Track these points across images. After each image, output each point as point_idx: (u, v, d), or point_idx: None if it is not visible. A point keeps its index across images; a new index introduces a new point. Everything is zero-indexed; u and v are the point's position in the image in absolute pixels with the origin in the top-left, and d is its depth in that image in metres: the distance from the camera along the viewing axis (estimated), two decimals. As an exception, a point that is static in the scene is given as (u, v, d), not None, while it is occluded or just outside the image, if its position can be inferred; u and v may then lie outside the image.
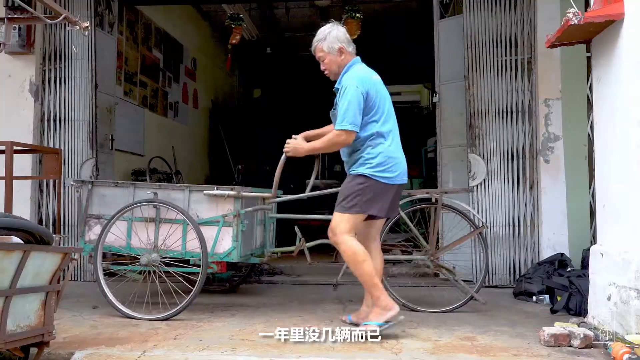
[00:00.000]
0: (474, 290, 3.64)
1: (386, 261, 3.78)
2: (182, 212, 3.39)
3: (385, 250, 3.83)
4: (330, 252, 5.74)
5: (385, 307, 2.90)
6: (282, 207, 4.01)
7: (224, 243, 3.46)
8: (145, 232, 3.47)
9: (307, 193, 3.64)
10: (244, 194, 3.53)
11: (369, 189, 2.95)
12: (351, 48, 3.14)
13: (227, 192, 3.47)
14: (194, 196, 3.51)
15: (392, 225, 3.84)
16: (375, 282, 2.95)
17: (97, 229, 3.53)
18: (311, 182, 3.65)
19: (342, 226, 2.98)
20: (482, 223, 3.66)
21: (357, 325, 3.10)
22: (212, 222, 3.46)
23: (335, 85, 3.13)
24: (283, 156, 3.42)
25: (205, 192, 3.50)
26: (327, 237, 3.88)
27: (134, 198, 3.51)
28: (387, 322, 2.86)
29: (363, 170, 2.98)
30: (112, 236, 3.46)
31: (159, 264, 3.39)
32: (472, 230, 3.75)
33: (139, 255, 3.43)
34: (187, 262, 3.49)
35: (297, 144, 3.17)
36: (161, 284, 3.38)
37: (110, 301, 3.38)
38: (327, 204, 5.53)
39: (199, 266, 3.39)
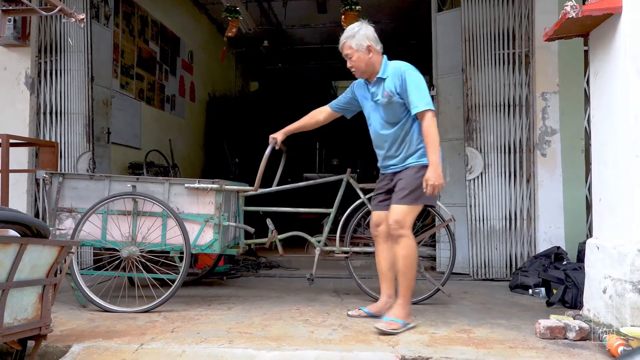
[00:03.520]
0: (440, 282, 3.66)
1: (356, 253, 3.83)
2: (164, 206, 3.38)
3: (354, 243, 3.88)
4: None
5: (408, 314, 2.99)
6: (259, 200, 4.02)
7: (205, 235, 3.48)
8: (123, 225, 3.44)
9: (278, 187, 3.77)
10: (227, 187, 3.54)
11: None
12: (379, 47, 3.11)
13: (209, 186, 3.47)
14: (174, 189, 3.50)
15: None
16: (413, 285, 3.02)
17: (68, 223, 3.49)
18: (277, 176, 3.74)
19: (409, 219, 2.98)
20: (451, 216, 3.70)
21: (376, 317, 3.16)
22: (196, 220, 3.47)
23: (379, 75, 3.07)
24: (268, 149, 3.44)
25: (186, 185, 3.50)
26: (298, 230, 3.91)
27: (109, 191, 3.48)
28: (408, 324, 2.93)
29: (426, 161, 2.99)
30: (86, 229, 3.42)
31: (139, 257, 3.39)
32: (440, 223, 3.77)
33: (117, 248, 3.41)
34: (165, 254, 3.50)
35: (436, 178, 2.87)
36: (141, 277, 3.42)
37: (88, 295, 3.36)
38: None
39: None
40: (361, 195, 3.73)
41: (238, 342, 2.63)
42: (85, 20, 3.49)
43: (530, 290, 4.05)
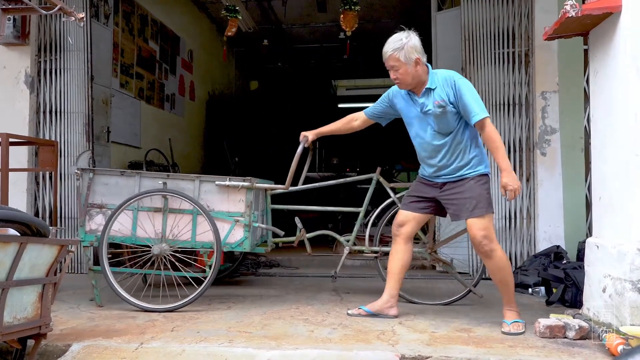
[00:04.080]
0: (472, 283, 3.65)
1: (384, 253, 3.82)
2: (195, 203, 3.36)
3: (382, 243, 3.87)
4: (329, 243, 5.84)
5: (519, 312, 3.00)
6: (279, 198, 4.02)
7: (235, 233, 3.46)
8: (151, 222, 3.42)
9: (306, 185, 3.72)
10: (257, 185, 3.51)
11: (489, 186, 2.97)
12: (424, 58, 3.02)
13: (240, 183, 3.45)
14: (205, 186, 3.48)
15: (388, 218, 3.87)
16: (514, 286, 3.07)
17: (99, 219, 3.48)
18: (303, 175, 3.69)
19: (493, 230, 2.97)
20: None
21: (376, 316, 3.16)
22: (227, 218, 3.45)
23: (428, 86, 3.00)
24: (299, 148, 3.40)
25: (217, 182, 3.47)
26: (325, 229, 3.91)
27: (139, 188, 3.47)
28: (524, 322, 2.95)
29: (483, 169, 3.01)
30: (117, 226, 3.41)
31: (169, 255, 3.38)
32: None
33: (148, 246, 3.40)
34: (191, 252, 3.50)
35: (514, 182, 2.82)
36: (166, 276, 3.43)
37: (120, 293, 3.34)
38: (323, 197, 5.57)
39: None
40: (391, 194, 3.71)
41: (238, 341, 2.63)
42: (85, 19, 3.49)
43: (529, 289, 4.05)
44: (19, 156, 4.71)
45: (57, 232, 3.71)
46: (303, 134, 3.45)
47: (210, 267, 3.36)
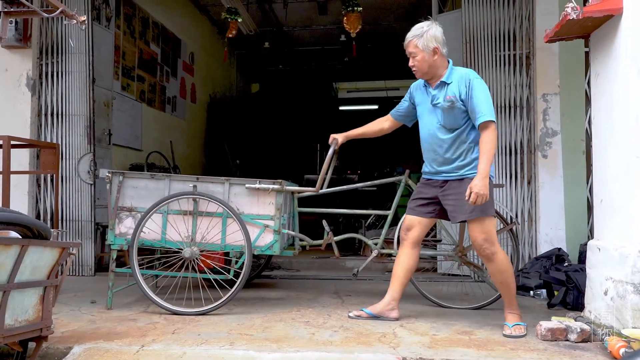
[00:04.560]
0: None
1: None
2: (226, 206, 3.35)
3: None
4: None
5: (521, 315, 3.00)
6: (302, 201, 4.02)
7: (265, 236, 3.44)
8: (181, 225, 3.41)
9: (334, 188, 3.75)
10: (288, 187, 3.50)
11: (491, 188, 2.94)
12: (445, 50, 3.03)
13: (271, 186, 3.43)
14: (235, 189, 3.46)
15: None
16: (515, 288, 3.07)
17: (128, 222, 3.46)
18: (328, 177, 3.63)
19: (494, 232, 2.96)
20: (512, 219, 3.59)
21: (377, 318, 3.16)
22: (257, 223, 3.43)
23: (444, 80, 3.02)
24: (330, 150, 3.38)
25: (247, 185, 3.44)
26: (354, 232, 3.87)
27: (169, 191, 3.45)
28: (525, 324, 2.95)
29: None
30: (146, 229, 3.39)
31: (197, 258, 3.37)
32: (503, 226, 3.63)
33: (178, 249, 3.38)
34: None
35: (482, 188, 2.79)
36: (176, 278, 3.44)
37: (150, 296, 3.33)
38: (327, 200, 5.57)
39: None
40: None
41: (239, 344, 2.63)
42: (86, 22, 3.50)
43: (531, 292, 4.05)
44: (21, 159, 4.72)
45: (58, 234, 3.73)
46: (333, 136, 3.40)
47: (240, 268, 3.35)
